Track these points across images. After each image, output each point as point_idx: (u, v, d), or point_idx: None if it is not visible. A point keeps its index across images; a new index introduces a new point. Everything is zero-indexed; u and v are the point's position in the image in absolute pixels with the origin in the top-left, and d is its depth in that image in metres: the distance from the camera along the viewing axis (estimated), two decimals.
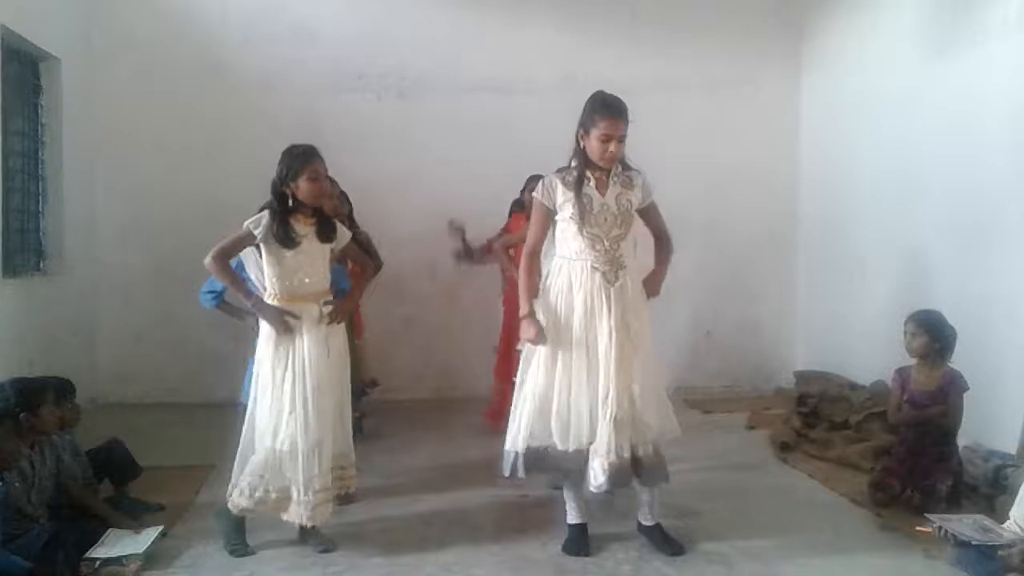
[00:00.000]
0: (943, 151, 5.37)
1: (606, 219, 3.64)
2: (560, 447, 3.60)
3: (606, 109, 3.61)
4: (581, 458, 3.58)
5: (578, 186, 3.64)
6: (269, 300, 3.70)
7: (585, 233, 3.62)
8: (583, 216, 3.61)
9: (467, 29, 7.13)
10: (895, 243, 5.96)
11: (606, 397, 3.54)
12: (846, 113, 6.71)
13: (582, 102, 3.72)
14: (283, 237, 3.64)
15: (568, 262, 3.67)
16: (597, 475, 3.53)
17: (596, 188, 3.66)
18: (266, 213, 3.66)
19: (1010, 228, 4.76)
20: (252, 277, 3.90)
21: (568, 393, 3.60)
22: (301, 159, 3.64)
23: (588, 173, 3.66)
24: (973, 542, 3.40)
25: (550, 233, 3.77)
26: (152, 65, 6.82)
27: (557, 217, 3.70)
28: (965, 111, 5.15)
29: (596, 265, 3.62)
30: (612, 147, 3.61)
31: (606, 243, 3.63)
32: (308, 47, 6.95)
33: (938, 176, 5.44)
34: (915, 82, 5.70)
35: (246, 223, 3.66)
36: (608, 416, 3.52)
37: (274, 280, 3.69)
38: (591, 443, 3.56)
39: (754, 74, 7.36)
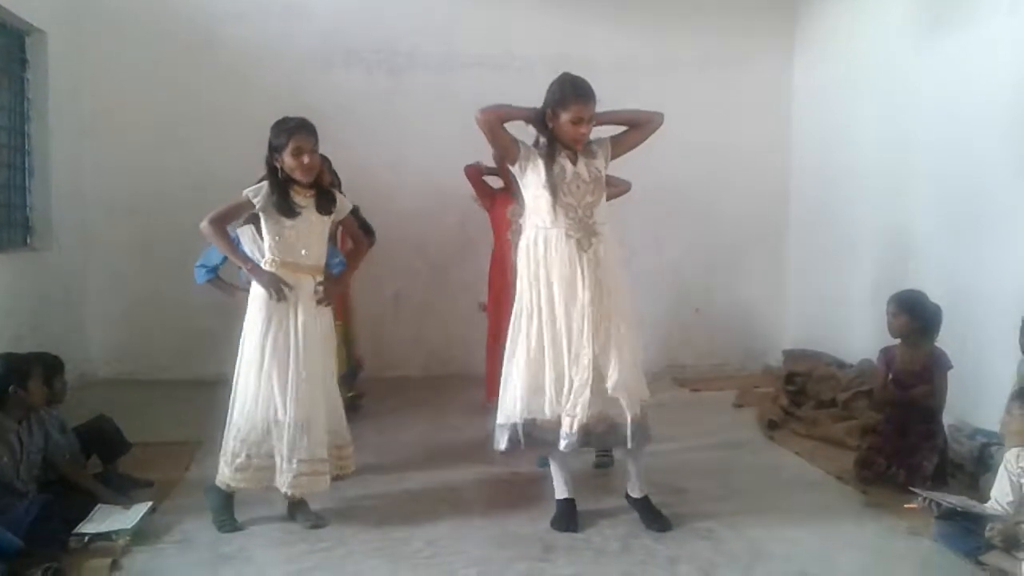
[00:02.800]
0: (934, 133, 5.38)
1: (578, 187, 3.69)
2: (547, 416, 3.63)
3: (577, 92, 3.65)
4: (555, 422, 3.62)
5: (549, 158, 3.69)
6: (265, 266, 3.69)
7: (559, 202, 3.67)
8: (556, 186, 3.66)
9: (459, 5, 7.08)
10: (885, 224, 5.99)
11: (579, 361, 3.58)
12: (839, 94, 6.71)
13: None
14: (283, 206, 3.62)
15: (543, 231, 3.70)
16: (567, 433, 3.57)
17: (567, 158, 3.72)
18: (265, 183, 3.64)
19: (999, 210, 4.78)
20: (248, 252, 3.88)
21: (553, 362, 3.63)
22: (286, 133, 3.61)
23: (558, 148, 3.72)
24: (958, 508, 3.47)
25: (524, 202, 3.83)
26: (141, 39, 6.74)
27: (527, 184, 3.75)
28: (957, 93, 5.16)
29: (570, 232, 3.66)
30: (583, 129, 3.67)
31: (579, 211, 3.68)
32: (299, 22, 6.89)
33: (929, 158, 5.45)
34: (908, 63, 5.69)
35: (245, 191, 3.64)
36: (582, 380, 3.56)
37: (273, 250, 3.68)
38: (566, 406, 3.60)
39: (747, 54, 7.34)
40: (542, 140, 3.77)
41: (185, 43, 6.76)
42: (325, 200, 3.75)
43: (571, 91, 3.65)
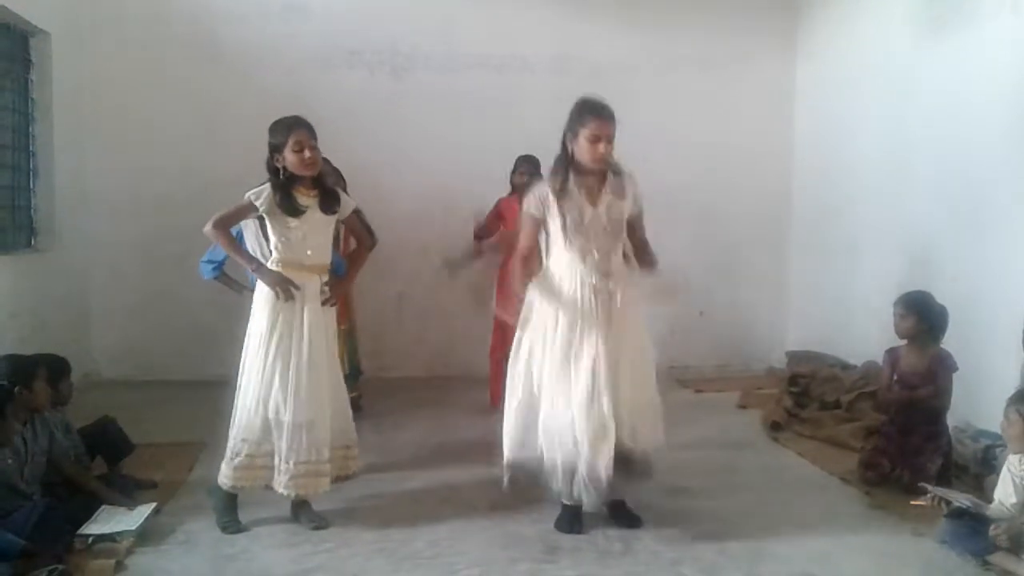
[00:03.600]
0: (936, 132, 5.38)
1: (596, 232, 3.60)
2: (547, 459, 3.61)
3: (595, 110, 3.58)
4: (568, 470, 3.58)
5: (561, 193, 3.61)
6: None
7: (575, 245, 3.59)
8: (571, 228, 3.58)
9: (461, 6, 7.07)
10: (888, 224, 5.98)
11: (595, 410, 3.53)
12: (841, 93, 6.70)
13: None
14: (287, 206, 3.62)
15: (561, 273, 3.65)
16: (591, 493, 3.55)
17: (587, 198, 3.62)
18: (268, 184, 3.65)
19: (1002, 210, 4.78)
20: (250, 248, 3.89)
21: (554, 405, 3.60)
22: (284, 130, 3.62)
23: (578, 181, 3.62)
24: (971, 508, 3.47)
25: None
26: (143, 40, 6.75)
27: (550, 229, 3.67)
28: (959, 92, 5.16)
29: (585, 278, 3.60)
30: (601, 147, 3.56)
31: (596, 255, 3.60)
32: (300, 22, 6.89)
33: (931, 157, 5.45)
34: (909, 63, 5.70)
35: (248, 193, 3.65)
36: (599, 431, 3.52)
37: (278, 250, 3.68)
38: (577, 456, 3.56)
39: (750, 53, 7.33)
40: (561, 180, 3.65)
41: (188, 44, 6.77)
42: (328, 199, 3.75)
43: (588, 109, 3.58)
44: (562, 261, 3.64)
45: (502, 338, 4.98)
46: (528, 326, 3.70)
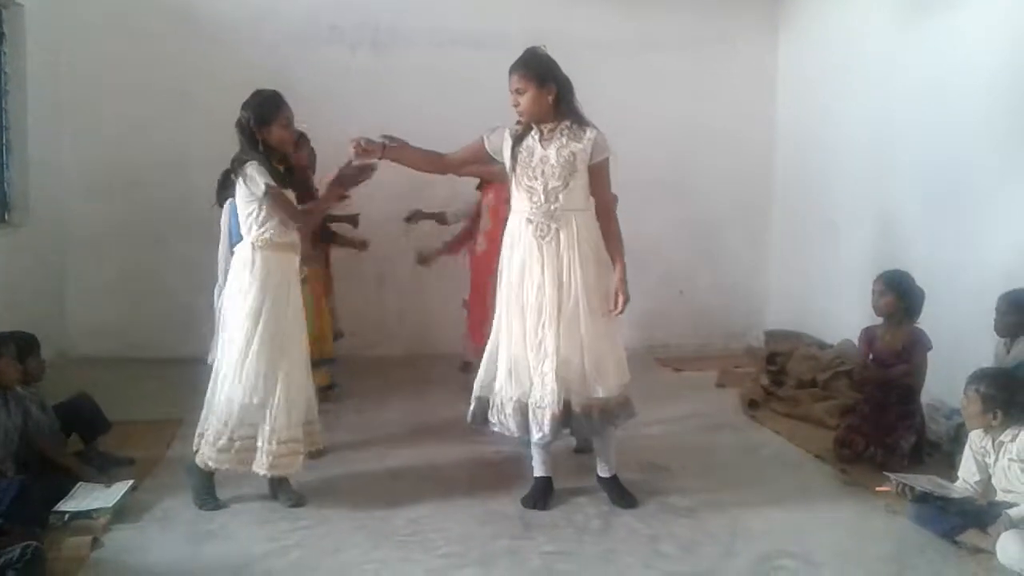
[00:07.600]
0: (917, 115, 5.40)
1: (543, 171, 3.60)
2: (505, 397, 3.67)
3: (511, 66, 3.61)
4: (522, 409, 3.64)
5: (518, 139, 3.67)
6: (260, 250, 3.62)
7: (522, 185, 3.64)
8: (519, 167, 3.64)
9: None
10: (867, 205, 6.01)
11: (541, 351, 3.59)
12: (822, 75, 6.71)
13: (556, 57, 3.69)
14: (281, 181, 3.62)
15: (514, 215, 3.72)
16: (542, 426, 3.59)
17: (540, 141, 3.64)
18: (258, 166, 3.56)
19: (981, 192, 4.82)
20: (232, 227, 3.87)
21: (511, 346, 3.67)
22: (274, 105, 3.60)
23: (534, 126, 3.66)
24: (935, 491, 3.51)
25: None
26: (120, 12, 6.62)
27: (507, 168, 3.72)
28: (939, 76, 5.17)
29: (531, 218, 3.62)
30: (512, 100, 3.62)
31: (541, 195, 3.60)
32: None
33: (911, 140, 5.48)
34: (890, 46, 5.70)
35: (264, 182, 3.54)
36: (547, 369, 3.57)
37: (273, 231, 3.63)
38: (532, 395, 3.63)
39: (731, 34, 7.31)
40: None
41: (165, 18, 6.65)
42: (290, 174, 3.78)
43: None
44: (516, 204, 3.70)
45: (478, 312, 4.99)
46: (502, 267, 3.76)
